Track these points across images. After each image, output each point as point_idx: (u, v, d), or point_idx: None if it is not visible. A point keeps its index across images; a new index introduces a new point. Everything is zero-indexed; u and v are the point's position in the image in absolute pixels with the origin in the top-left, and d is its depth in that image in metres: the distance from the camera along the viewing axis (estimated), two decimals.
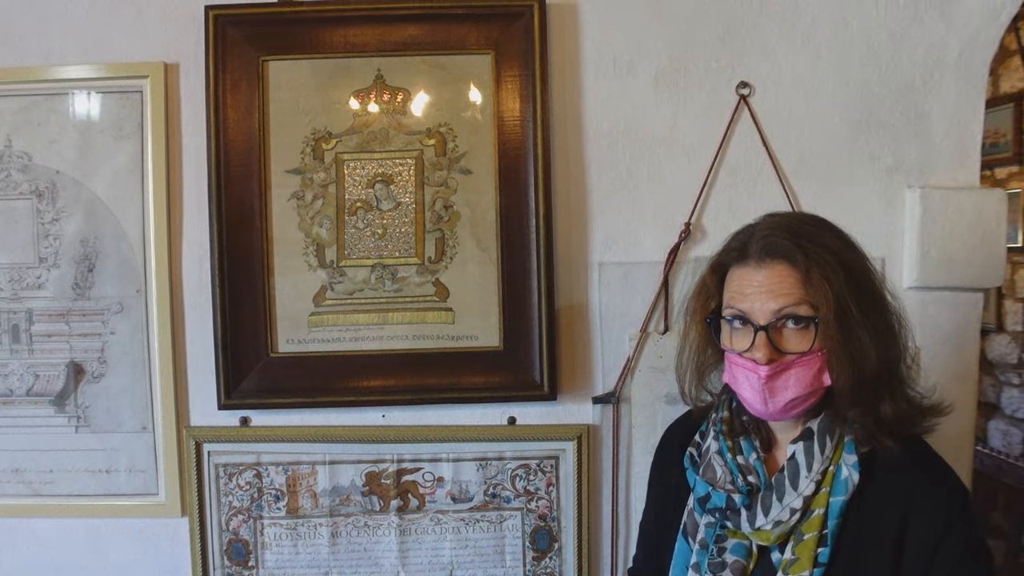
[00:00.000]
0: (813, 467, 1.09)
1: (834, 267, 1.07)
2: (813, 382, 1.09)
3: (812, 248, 1.08)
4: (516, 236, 1.62)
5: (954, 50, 1.60)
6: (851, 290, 1.06)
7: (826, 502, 1.08)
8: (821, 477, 1.09)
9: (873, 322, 1.07)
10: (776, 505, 1.10)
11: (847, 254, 1.10)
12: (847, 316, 1.06)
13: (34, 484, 1.71)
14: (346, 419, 1.68)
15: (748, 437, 1.21)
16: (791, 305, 1.07)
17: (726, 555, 1.14)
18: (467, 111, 1.63)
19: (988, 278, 1.62)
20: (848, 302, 1.06)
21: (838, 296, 1.05)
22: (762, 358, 1.08)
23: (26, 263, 1.67)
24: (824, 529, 1.07)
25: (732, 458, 1.18)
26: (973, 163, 1.62)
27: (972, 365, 1.65)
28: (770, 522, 1.10)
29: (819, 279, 1.06)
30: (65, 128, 1.65)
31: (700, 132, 1.63)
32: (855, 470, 1.08)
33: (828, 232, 1.13)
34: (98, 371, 1.68)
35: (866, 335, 1.06)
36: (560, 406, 1.68)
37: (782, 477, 1.11)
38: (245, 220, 1.62)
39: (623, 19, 1.63)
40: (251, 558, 1.71)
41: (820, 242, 1.09)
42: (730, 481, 1.16)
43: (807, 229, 1.12)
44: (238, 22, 1.60)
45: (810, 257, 1.07)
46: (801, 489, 1.09)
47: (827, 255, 1.08)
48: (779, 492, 1.10)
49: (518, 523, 1.70)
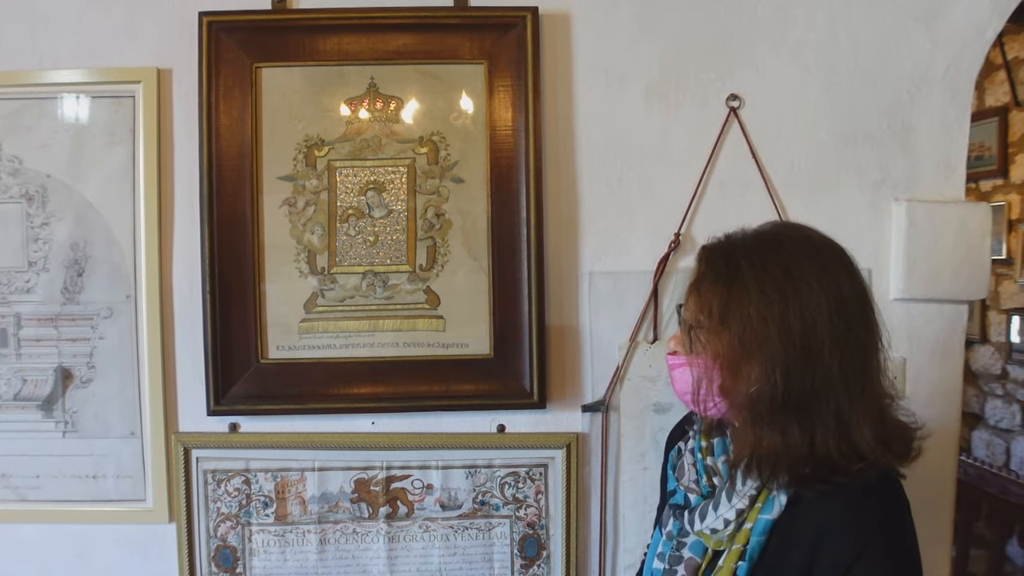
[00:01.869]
0: (748, 482, 1.09)
1: (730, 281, 1.07)
2: (696, 390, 1.11)
3: (724, 260, 1.10)
4: (507, 245, 1.63)
5: (940, 66, 1.62)
6: (744, 308, 1.04)
7: (755, 518, 1.09)
8: (756, 493, 1.09)
9: (778, 346, 1.02)
10: (711, 513, 1.12)
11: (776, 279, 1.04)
12: (742, 331, 1.04)
13: (20, 489, 1.69)
14: (336, 426, 1.68)
15: (724, 438, 1.21)
16: (697, 313, 1.11)
17: (684, 550, 1.17)
18: (460, 120, 1.64)
19: (973, 290, 1.64)
20: (747, 318, 1.04)
21: (722, 308, 1.06)
22: (669, 347, 1.18)
23: (15, 267, 1.66)
24: (747, 545, 1.08)
25: (702, 458, 1.20)
26: (958, 177, 1.64)
27: (956, 376, 1.67)
28: (706, 528, 1.13)
29: (709, 287, 1.09)
30: (56, 132, 1.65)
31: (690, 143, 1.65)
32: (784, 492, 1.07)
33: (770, 248, 1.09)
34: (87, 376, 1.67)
35: (763, 356, 1.03)
36: (549, 414, 1.69)
37: (722, 487, 1.13)
38: (236, 226, 1.62)
39: (615, 31, 1.64)
40: (239, 565, 1.70)
41: (745, 256, 1.08)
42: (694, 481, 1.19)
43: (747, 242, 1.11)
44: (232, 28, 1.61)
45: (711, 267, 1.11)
46: (734, 502, 1.10)
47: (732, 270, 1.07)
48: (716, 502, 1.13)
49: (507, 531, 1.70)
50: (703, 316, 1.10)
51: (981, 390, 4.29)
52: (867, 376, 1.06)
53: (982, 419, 4.29)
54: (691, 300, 1.13)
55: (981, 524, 3.25)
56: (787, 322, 1.02)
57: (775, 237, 1.12)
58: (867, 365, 1.06)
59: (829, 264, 1.07)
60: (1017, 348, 4.02)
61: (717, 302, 1.07)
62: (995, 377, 4.19)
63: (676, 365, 1.17)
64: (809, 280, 1.04)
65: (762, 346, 1.03)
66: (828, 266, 1.07)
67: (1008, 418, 4.12)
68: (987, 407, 4.26)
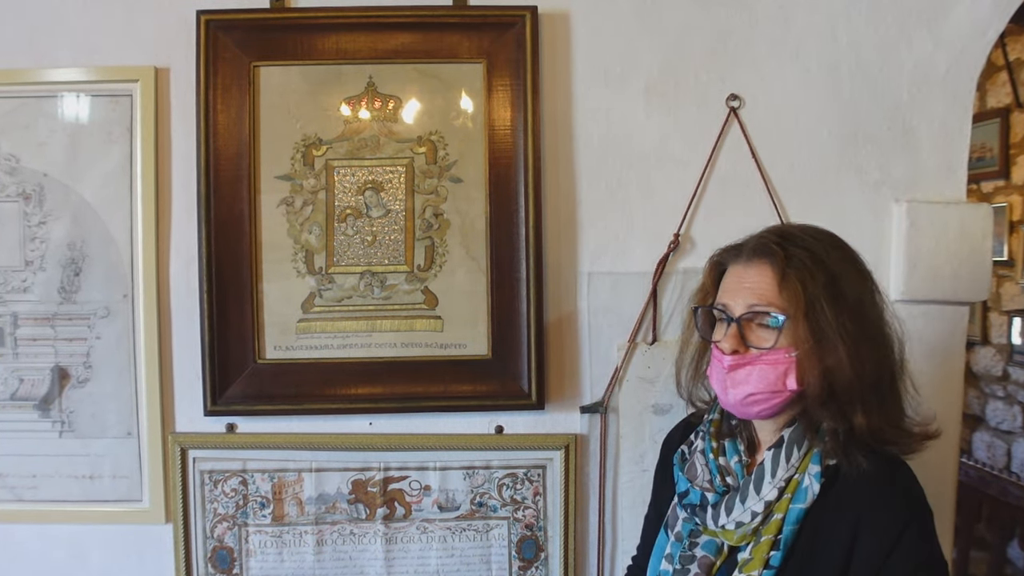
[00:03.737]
0: (777, 474, 1.11)
1: (813, 271, 1.09)
2: (776, 382, 1.11)
3: (795, 251, 1.11)
4: (506, 245, 1.62)
5: (941, 67, 1.61)
6: (829, 296, 1.08)
7: (786, 508, 1.10)
8: (785, 484, 1.11)
9: (852, 333, 1.08)
10: (738, 506, 1.13)
11: (837, 264, 1.11)
12: (818, 320, 1.07)
13: (17, 489, 1.69)
14: (333, 426, 1.68)
15: (734, 440, 1.24)
16: (763, 303, 1.11)
17: (696, 550, 1.19)
18: (458, 119, 1.63)
19: (974, 292, 1.63)
20: (823, 307, 1.07)
21: (810, 299, 1.07)
22: (727, 347, 1.13)
23: (12, 266, 1.66)
24: (780, 534, 1.10)
25: (714, 458, 1.22)
26: (959, 178, 1.64)
27: (957, 377, 1.66)
28: (732, 522, 1.13)
29: (793, 280, 1.09)
30: (54, 131, 1.64)
31: (690, 143, 1.64)
32: (816, 480, 1.10)
33: (823, 242, 1.15)
34: (83, 376, 1.67)
35: (841, 344, 1.07)
36: (548, 415, 1.68)
37: (749, 480, 1.14)
38: (234, 226, 1.62)
39: (614, 30, 1.63)
40: (235, 565, 1.69)
41: (806, 247, 1.11)
42: (708, 480, 1.20)
43: (800, 235, 1.15)
44: (230, 27, 1.60)
45: (791, 259, 1.10)
46: (764, 494, 1.12)
47: (808, 259, 1.10)
48: (743, 494, 1.14)
49: (504, 532, 1.70)
50: (781, 305, 1.10)
51: (982, 392, 4.28)
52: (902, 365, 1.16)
53: (983, 421, 4.28)
54: (746, 293, 1.13)
55: (982, 526, 3.24)
56: (862, 305, 1.11)
57: (820, 230, 1.18)
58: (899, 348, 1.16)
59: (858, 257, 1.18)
60: (1018, 350, 4.01)
61: (799, 288, 1.08)
62: (996, 379, 4.18)
63: (737, 365, 1.13)
64: (859, 266, 1.15)
65: (842, 329, 1.07)
66: (859, 259, 1.17)
67: (1009, 420, 4.11)
68: (988, 409, 4.25)
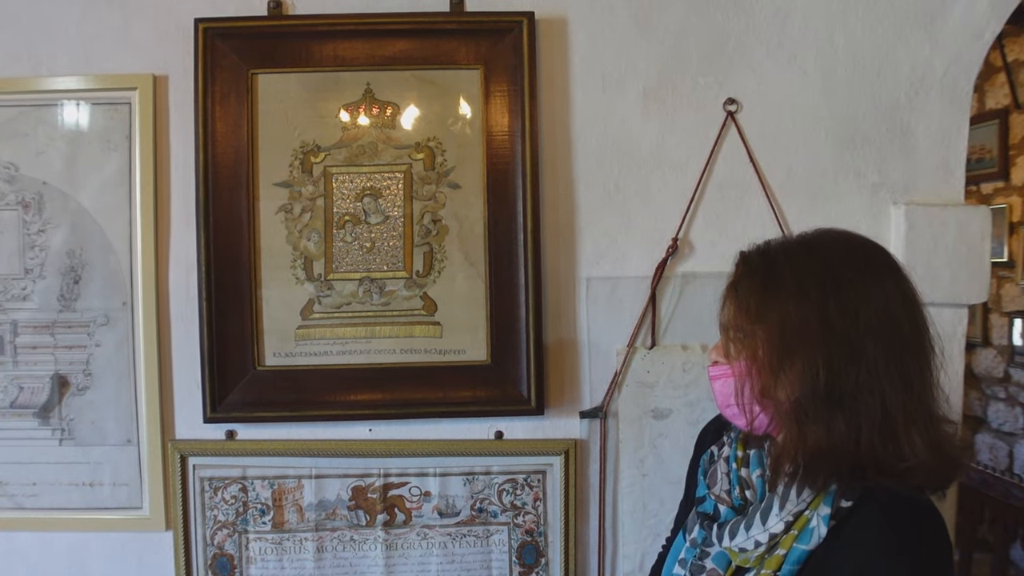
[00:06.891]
0: (786, 507, 1.04)
1: (767, 278, 1.05)
2: (739, 397, 1.07)
3: (761, 260, 1.08)
4: (504, 250, 1.62)
5: (938, 68, 1.62)
6: (782, 303, 1.03)
7: (789, 546, 1.02)
8: (793, 519, 1.03)
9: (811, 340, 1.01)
10: (742, 533, 1.07)
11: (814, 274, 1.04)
12: (783, 341, 1.02)
13: (17, 497, 1.69)
14: (333, 433, 1.68)
15: (761, 451, 1.14)
16: (735, 315, 1.08)
17: (707, 560, 1.13)
18: (456, 125, 1.63)
19: (973, 294, 1.63)
20: (774, 315, 1.03)
21: (760, 305, 1.04)
22: (710, 358, 1.13)
23: (11, 274, 1.66)
24: (778, 572, 1.03)
25: (736, 468, 1.15)
26: (957, 180, 1.64)
27: (958, 379, 1.66)
28: (735, 546, 1.07)
29: (746, 285, 1.07)
30: (53, 139, 1.65)
31: (687, 148, 1.64)
32: (824, 523, 1.00)
33: (807, 247, 1.08)
34: (83, 383, 1.67)
35: (799, 351, 1.01)
36: (547, 421, 1.68)
37: (758, 507, 1.07)
38: (233, 233, 1.62)
39: (611, 35, 1.64)
40: (236, 573, 1.69)
41: (782, 254, 1.07)
42: (726, 491, 1.14)
43: (785, 243, 1.10)
44: (227, 35, 1.60)
45: (748, 267, 1.09)
46: (769, 526, 1.04)
47: (769, 268, 1.06)
48: (748, 521, 1.07)
49: (505, 538, 1.69)
50: (740, 317, 1.07)
51: (983, 393, 4.27)
52: (917, 375, 1.03)
53: (985, 423, 4.28)
54: (728, 303, 1.11)
55: (984, 528, 3.23)
56: (827, 314, 1.00)
57: (815, 238, 1.10)
58: (916, 364, 1.03)
59: (870, 261, 1.06)
60: (1019, 351, 4.01)
61: (754, 300, 1.05)
62: (997, 380, 4.18)
63: (717, 376, 1.11)
64: (848, 274, 1.02)
65: (803, 341, 1.01)
66: (869, 263, 1.06)
67: (1011, 422, 4.11)
68: (989, 410, 4.24)
